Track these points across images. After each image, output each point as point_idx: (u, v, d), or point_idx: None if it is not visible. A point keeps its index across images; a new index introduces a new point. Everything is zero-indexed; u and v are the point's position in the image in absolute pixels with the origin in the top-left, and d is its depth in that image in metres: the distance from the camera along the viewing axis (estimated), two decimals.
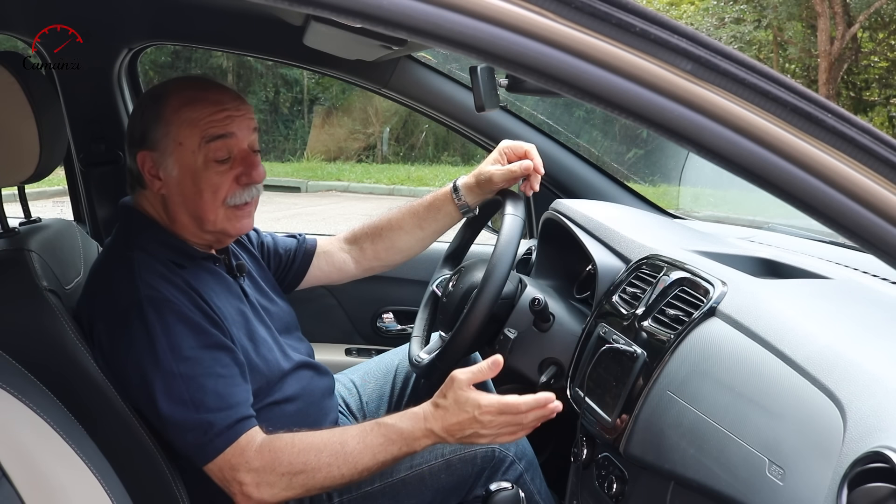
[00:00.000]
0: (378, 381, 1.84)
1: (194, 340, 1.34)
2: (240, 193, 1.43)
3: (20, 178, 1.38)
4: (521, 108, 2.30)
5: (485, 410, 1.31)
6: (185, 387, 1.32)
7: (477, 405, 1.31)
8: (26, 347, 1.21)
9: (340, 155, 13.50)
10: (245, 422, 1.35)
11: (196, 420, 1.31)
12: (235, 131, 1.41)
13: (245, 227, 1.47)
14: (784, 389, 1.03)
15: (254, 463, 1.32)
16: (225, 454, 1.32)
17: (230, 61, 13.36)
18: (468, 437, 1.33)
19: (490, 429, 1.32)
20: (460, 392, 1.32)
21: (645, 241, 1.63)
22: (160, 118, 1.40)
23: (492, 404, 1.31)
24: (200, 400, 1.32)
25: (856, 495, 0.81)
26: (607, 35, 0.68)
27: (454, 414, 1.32)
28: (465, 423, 1.32)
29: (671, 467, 1.20)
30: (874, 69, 13.16)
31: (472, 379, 1.33)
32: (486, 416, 1.31)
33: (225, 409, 1.33)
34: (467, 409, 1.31)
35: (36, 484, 0.95)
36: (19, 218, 1.53)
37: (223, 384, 1.34)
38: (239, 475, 1.32)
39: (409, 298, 2.29)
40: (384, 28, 0.65)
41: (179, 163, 1.40)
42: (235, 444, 1.32)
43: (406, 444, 1.34)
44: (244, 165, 1.42)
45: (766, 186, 0.74)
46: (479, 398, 1.32)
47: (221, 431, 1.32)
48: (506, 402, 1.31)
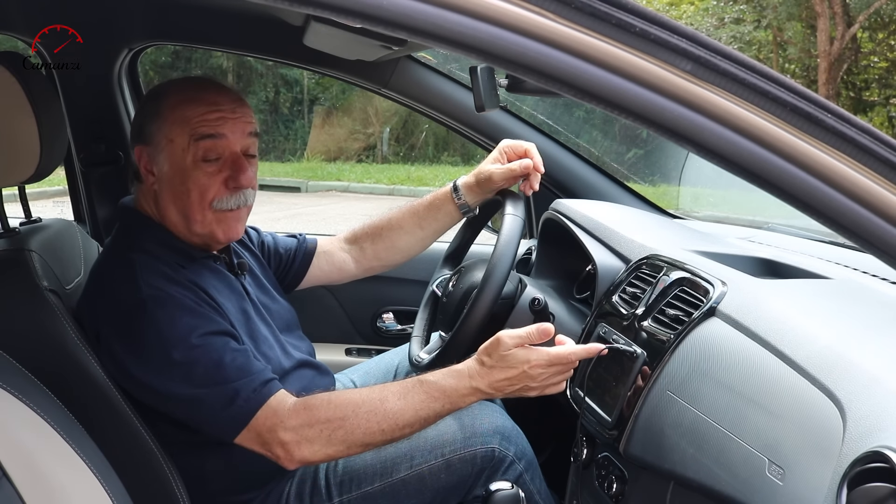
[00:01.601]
0: (378, 380, 1.84)
1: (203, 328, 1.35)
2: (227, 198, 1.42)
3: (20, 178, 1.38)
4: (521, 108, 2.29)
5: (535, 364, 1.32)
6: (203, 368, 1.32)
7: (527, 360, 1.31)
8: (26, 347, 1.21)
9: (340, 155, 13.50)
10: (271, 384, 1.35)
11: (221, 392, 1.31)
12: (227, 133, 1.41)
13: (235, 233, 1.47)
14: (784, 389, 1.03)
15: (290, 421, 1.31)
16: (258, 417, 1.32)
17: (230, 61, 13.35)
18: (517, 391, 1.34)
19: (539, 381, 1.33)
20: (506, 352, 1.33)
21: (645, 241, 1.63)
22: (157, 114, 1.42)
23: (542, 358, 1.32)
24: (222, 375, 1.32)
25: (855, 495, 0.81)
26: (607, 35, 0.68)
27: (502, 370, 1.32)
28: (515, 378, 1.32)
29: (671, 467, 1.20)
30: (874, 69, 13.15)
31: (518, 342, 1.34)
32: (535, 370, 1.32)
33: (247, 376, 1.33)
34: (516, 366, 1.32)
35: (36, 484, 0.95)
36: (20, 218, 1.53)
37: (240, 357, 1.35)
38: (278, 435, 1.31)
39: (409, 298, 2.29)
40: (384, 28, 0.65)
41: (170, 160, 1.41)
42: (266, 405, 1.32)
43: (450, 401, 1.34)
44: (232, 169, 1.41)
45: (766, 186, 0.74)
46: (529, 354, 1.32)
47: (249, 396, 1.32)
48: (556, 354, 1.33)
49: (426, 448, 1.49)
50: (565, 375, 1.35)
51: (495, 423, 1.53)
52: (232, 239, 1.49)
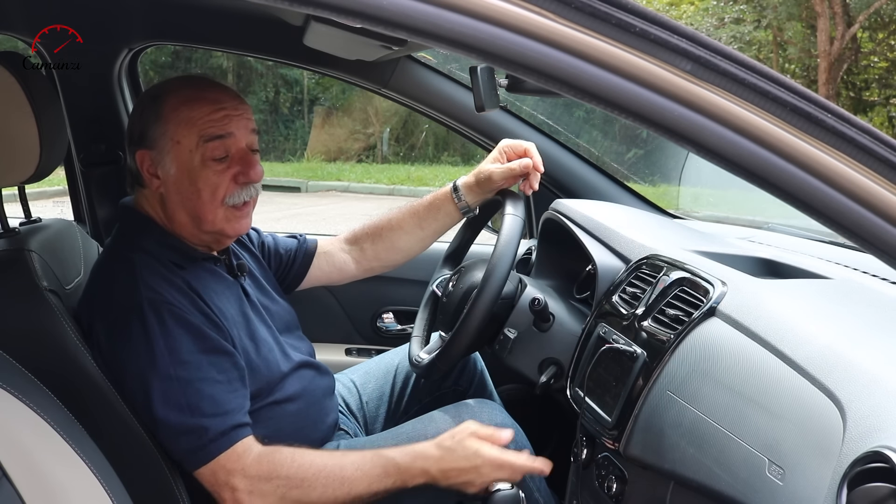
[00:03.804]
0: (378, 380, 1.84)
1: (193, 344, 1.34)
2: (238, 193, 1.43)
3: (20, 178, 1.38)
4: (521, 108, 2.29)
5: (487, 462, 1.36)
6: (181, 391, 1.31)
7: (481, 457, 1.36)
8: (26, 347, 1.21)
9: (340, 155, 13.50)
10: (241, 429, 1.34)
11: (191, 424, 1.31)
12: (234, 131, 1.41)
13: (243, 227, 1.47)
14: (784, 389, 1.03)
15: (251, 470, 1.32)
16: (219, 459, 1.32)
17: (230, 61, 13.35)
18: (461, 484, 1.38)
19: (484, 477, 1.37)
20: (469, 441, 1.37)
21: (645, 241, 1.63)
22: (159, 117, 1.41)
23: (496, 459, 1.37)
24: (196, 405, 1.32)
25: (855, 495, 0.81)
26: (607, 35, 0.68)
27: (456, 460, 1.36)
28: (465, 471, 1.36)
29: (671, 467, 1.20)
30: (874, 69, 13.15)
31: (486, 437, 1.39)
32: (486, 468, 1.36)
33: (220, 414, 1.33)
34: (470, 459, 1.36)
35: (36, 484, 0.95)
36: (19, 218, 1.53)
37: (220, 390, 1.34)
38: (233, 480, 1.31)
39: (409, 298, 2.29)
40: (384, 28, 0.65)
41: (177, 162, 1.41)
42: (231, 450, 1.32)
43: (401, 479, 1.37)
44: (242, 165, 1.42)
45: (766, 186, 0.74)
46: (485, 450, 1.37)
47: (216, 437, 1.32)
48: (507, 459, 1.38)
49: None
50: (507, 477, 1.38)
51: (495, 422, 1.53)
52: (240, 233, 1.50)
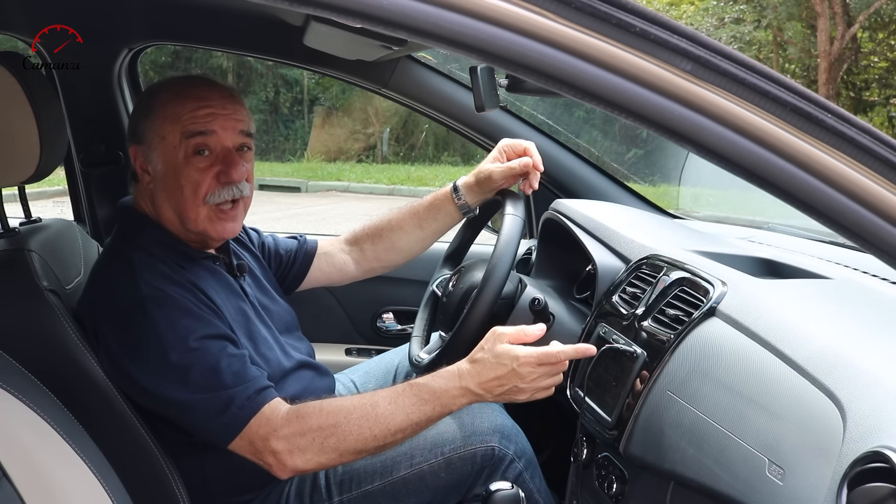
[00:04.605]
0: (378, 380, 1.84)
1: (201, 331, 1.34)
2: (219, 192, 1.42)
3: (20, 178, 1.38)
4: (521, 108, 2.29)
5: (523, 362, 1.31)
6: (199, 373, 1.32)
7: (515, 357, 1.31)
8: (26, 347, 1.21)
9: (340, 155, 13.50)
10: (265, 392, 1.34)
11: (215, 399, 1.31)
12: (217, 129, 1.41)
13: (228, 231, 1.46)
14: (784, 389, 1.03)
15: (283, 430, 1.31)
16: (251, 426, 1.31)
17: (230, 61, 13.35)
18: (507, 393, 1.33)
19: (529, 382, 1.32)
20: (499, 346, 1.32)
21: (645, 241, 1.63)
22: (149, 113, 1.42)
23: (530, 355, 1.31)
24: (217, 381, 1.32)
25: (855, 495, 0.81)
26: (607, 35, 0.68)
27: (492, 368, 1.32)
28: (504, 378, 1.31)
29: (671, 467, 1.20)
30: (874, 69, 13.15)
31: (513, 337, 1.33)
32: (524, 368, 1.31)
33: (242, 383, 1.33)
34: (505, 363, 1.31)
35: (36, 484, 0.95)
36: (19, 218, 1.53)
37: (236, 363, 1.35)
38: (271, 444, 1.31)
39: (409, 298, 2.29)
40: (384, 28, 0.65)
41: (163, 157, 1.42)
42: (260, 413, 1.32)
43: (440, 403, 1.33)
44: (224, 164, 1.42)
45: (766, 186, 0.74)
46: (517, 350, 1.31)
47: (243, 404, 1.32)
48: (545, 353, 1.32)
49: (426, 447, 1.49)
50: (555, 379, 1.35)
51: (495, 422, 1.53)
52: (225, 236, 1.49)
